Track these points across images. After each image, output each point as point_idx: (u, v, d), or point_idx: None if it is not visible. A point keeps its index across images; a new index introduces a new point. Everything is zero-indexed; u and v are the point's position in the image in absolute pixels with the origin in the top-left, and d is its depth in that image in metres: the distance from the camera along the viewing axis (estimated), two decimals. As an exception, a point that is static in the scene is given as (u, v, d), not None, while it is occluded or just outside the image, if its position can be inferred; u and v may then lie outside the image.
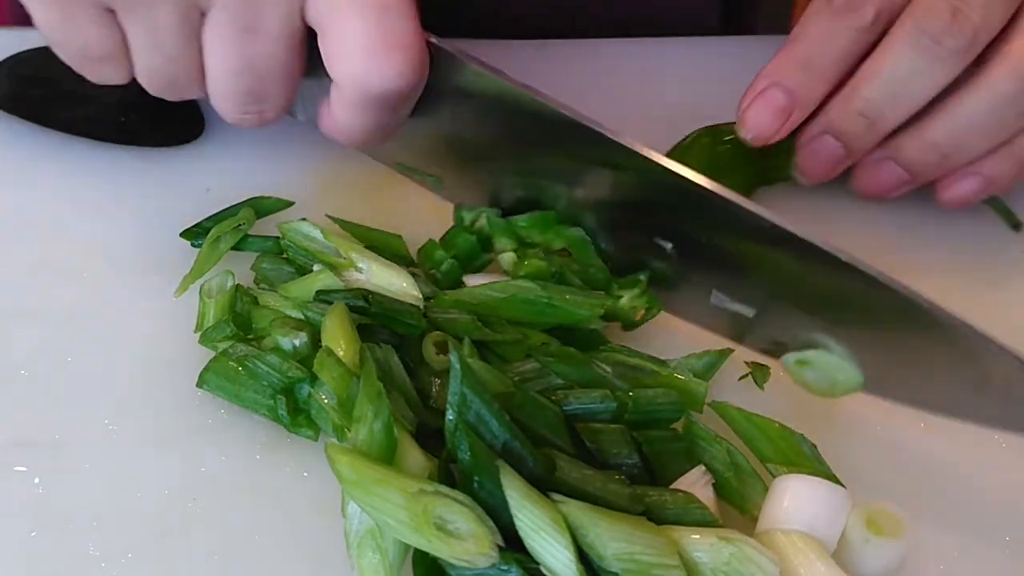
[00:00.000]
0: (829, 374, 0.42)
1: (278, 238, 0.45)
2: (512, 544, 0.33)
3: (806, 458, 0.39)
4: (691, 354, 0.43)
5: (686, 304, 0.45)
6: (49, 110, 0.51)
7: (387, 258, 0.44)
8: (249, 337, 0.42)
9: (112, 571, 0.36)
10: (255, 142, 0.51)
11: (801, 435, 0.40)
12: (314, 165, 0.51)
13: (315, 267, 0.44)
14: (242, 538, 0.37)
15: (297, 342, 0.40)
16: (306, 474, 0.39)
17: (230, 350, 0.40)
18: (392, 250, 0.46)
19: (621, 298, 0.44)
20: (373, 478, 0.33)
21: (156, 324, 0.44)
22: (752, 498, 0.38)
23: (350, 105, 0.42)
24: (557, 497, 0.34)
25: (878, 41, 0.45)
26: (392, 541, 0.34)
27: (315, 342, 0.40)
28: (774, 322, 0.43)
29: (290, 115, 0.46)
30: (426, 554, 0.33)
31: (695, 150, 0.50)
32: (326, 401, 0.38)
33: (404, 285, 0.42)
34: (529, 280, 0.43)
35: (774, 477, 0.38)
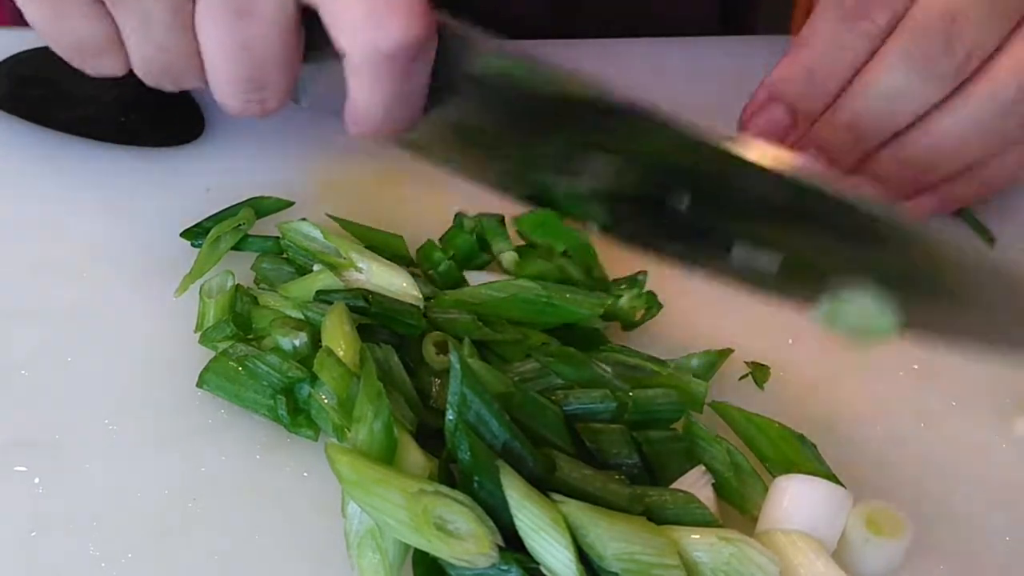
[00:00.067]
0: (863, 320, 0.40)
1: (278, 238, 0.45)
2: (512, 544, 0.33)
3: (806, 458, 0.39)
4: (691, 354, 0.43)
5: (707, 263, 0.43)
6: (49, 110, 0.51)
7: (387, 258, 0.44)
8: (249, 337, 0.42)
9: (112, 571, 0.36)
10: (255, 142, 0.52)
11: (801, 435, 0.40)
12: (314, 165, 0.51)
13: (315, 267, 0.44)
14: (242, 538, 0.37)
15: (297, 342, 0.40)
16: (306, 474, 0.39)
17: (230, 350, 0.40)
18: (392, 250, 0.46)
19: (621, 298, 0.44)
20: (373, 478, 0.33)
21: (156, 324, 0.44)
22: (752, 498, 0.38)
23: (365, 77, 0.41)
24: (557, 497, 0.34)
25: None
26: (392, 541, 0.34)
27: (315, 342, 0.40)
28: (801, 273, 0.41)
29: (293, 101, 0.45)
30: (426, 554, 0.33)
31: None
32: (326, 401, 0.38)
33: (404, 285, 0.42)
34: (529, 280, 0.43)
35: (774, 477, 0.38)
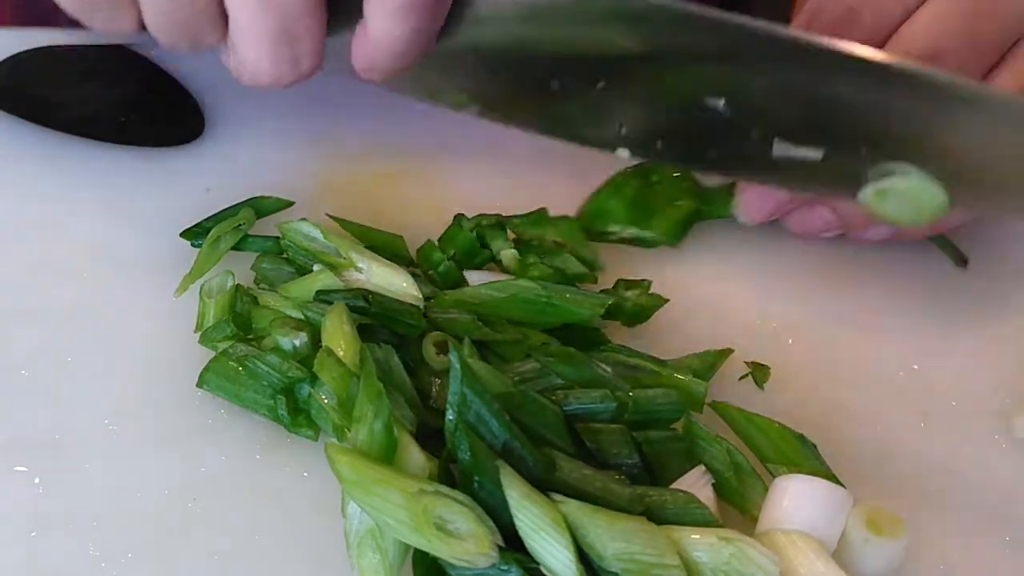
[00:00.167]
0: (912, 200, 0.39)
1: (278, 238, 0.45)
2: (512, 544, 0.33)
3: (806, 458, 0.39)
4: (691, 354, 0.43)
5: (747, 165, 0.42)
6: (49, 110, 0.51)
7: (387, 258, 0.44)
8: (249, 337, 0.42)
9: (112, 571, 0.36)
10: (255, 142, 0.51)
11: (801, 435, 0.40)
12: (314, 165, 0.51)
13: (315, 267, 0.44)
14: (242, 538, 0.37)
15: (297, 342, 0.40)
16: (306, 474, 0.39)
17: (230, 350, 0.40)
18: (392, 250, 0.46)
19: (621, 297, 0.44)
20: (373, 478, 0.33)
21: (156, 324, 0.44)
22: (752, 498, 0.38)
23: (388, 9, 0.39)
24: (557, 497, 0.34)
25: None
26: (392, 541, 0.34)
27: (315, 342, 0.40)
28: (844, 159, 0.40)
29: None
30: (426, 554, 0.33)
31: (624, 190, 0.49)
32: (326, 401, 0.38)
33: (404, 285, 0.42)
34: (529, 280, 0.43)
35: (774, 477, 0.38)
